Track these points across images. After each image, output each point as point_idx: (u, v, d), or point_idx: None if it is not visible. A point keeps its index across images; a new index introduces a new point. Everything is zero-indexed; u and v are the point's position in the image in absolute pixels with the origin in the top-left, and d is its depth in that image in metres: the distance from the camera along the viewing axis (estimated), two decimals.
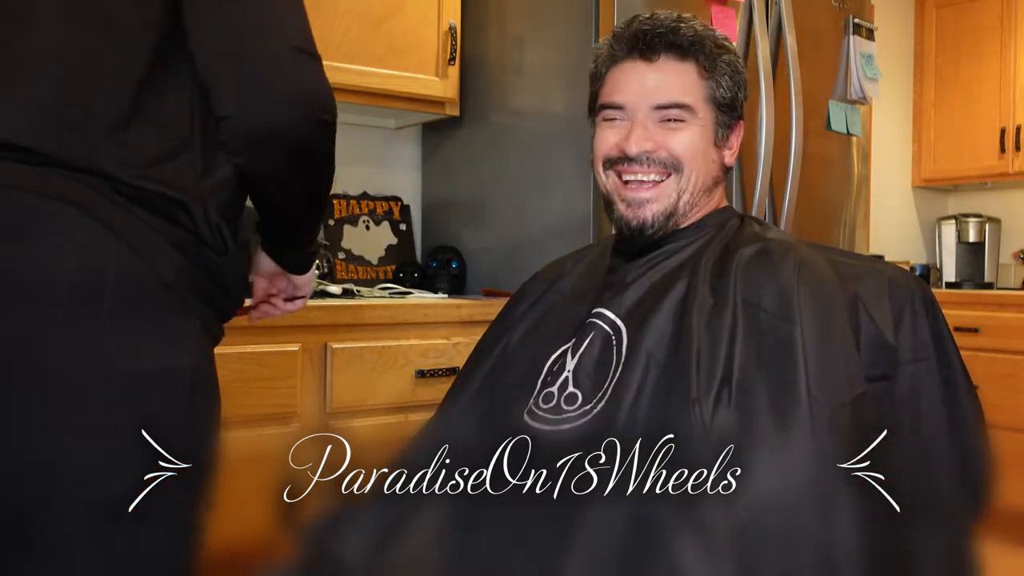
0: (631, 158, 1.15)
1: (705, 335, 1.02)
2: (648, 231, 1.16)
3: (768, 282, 1.05)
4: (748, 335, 1.01)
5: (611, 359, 1.07)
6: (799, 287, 1.03)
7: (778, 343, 0.99)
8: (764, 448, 0.93)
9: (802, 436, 0.93)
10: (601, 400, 1.04)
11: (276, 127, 0.95)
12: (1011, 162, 3.44)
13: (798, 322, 1.00)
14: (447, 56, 2.15)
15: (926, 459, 1.04)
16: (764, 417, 0.95)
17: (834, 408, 0.95)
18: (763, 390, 0.96)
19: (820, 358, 0.98)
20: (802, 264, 1.07)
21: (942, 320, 1.13)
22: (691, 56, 1.15)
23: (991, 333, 3.07)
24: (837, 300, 1.04)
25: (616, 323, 1.10)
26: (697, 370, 0.99)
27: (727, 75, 1.17)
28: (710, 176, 1.18)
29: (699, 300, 1.06)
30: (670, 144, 1.15)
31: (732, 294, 1.05)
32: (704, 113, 1.16)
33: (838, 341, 1.01)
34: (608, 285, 1.17)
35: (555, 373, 1.10)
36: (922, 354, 1.08)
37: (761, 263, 1.09)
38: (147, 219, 0.91)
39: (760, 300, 1.04)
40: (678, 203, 1.16)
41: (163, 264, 0.91)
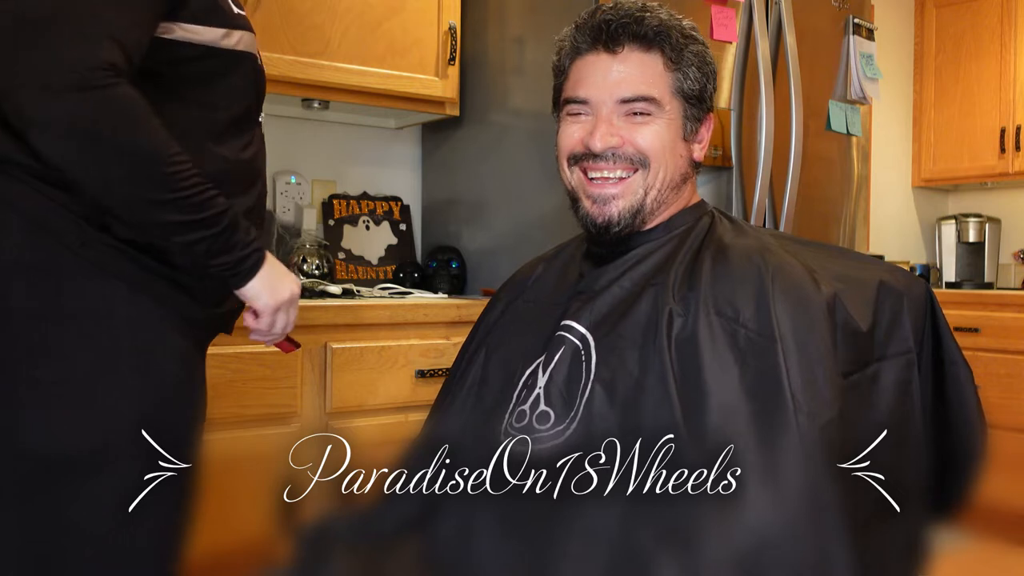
0: (596, 154, 1.11)
1: (675, 351, 1.00)
2: (614, 228, 1.13)
3: (743, 294, 1.02)
4: (725, 352, 0.98)
5: (580, 375, 1.04)
6: (775, 299, 1.01)
7: (760, 365, 0.97)
8: (754, 474, 0.91)
9: (794, 460, 0.91)
10: (573, 420, 1.01)
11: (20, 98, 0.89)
12: (1011, 162, 3.44)
13: (778, 339, 0.97)
14: (447, 56, 2.15)
15: (900, 450, 1.03)
16: (751, 442, 0.92)
17: (822, 427, 0.93)
18: (747, 414, 0.94)
19: (803, 376, 0.95)
20: (776, 273, 1.04)
21: (941, 317, 1.12)
22: (656, 47, 1.12)
23: (991, 333, 3.07)
24: (814, 308, 1.01)
25: (585, 336, 1.07)
26: (673, 389, 0.97)
27: (694, 66, 1.13)
28: (678, 172, 1.14)
29: (670, 312, 1.03)
30: (636, 139, 1.11)
31: (705, 305, 1.02)
32: (671, 106, 1.12)
33: (818, 353, 0.98)
34: (577, 294, 1.14)
35: (528, 389, 1.08)
36: (900, 348, 1.06)
37: (733, 272, 1.06)
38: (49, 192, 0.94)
39: (738, 315, 1.01)
40: (645, 200, 1.12)
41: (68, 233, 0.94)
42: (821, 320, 1.01)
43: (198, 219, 0.96)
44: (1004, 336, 3.04)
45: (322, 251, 2.14)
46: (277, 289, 1.07)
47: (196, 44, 1.02)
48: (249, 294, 1.06)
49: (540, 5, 2.14)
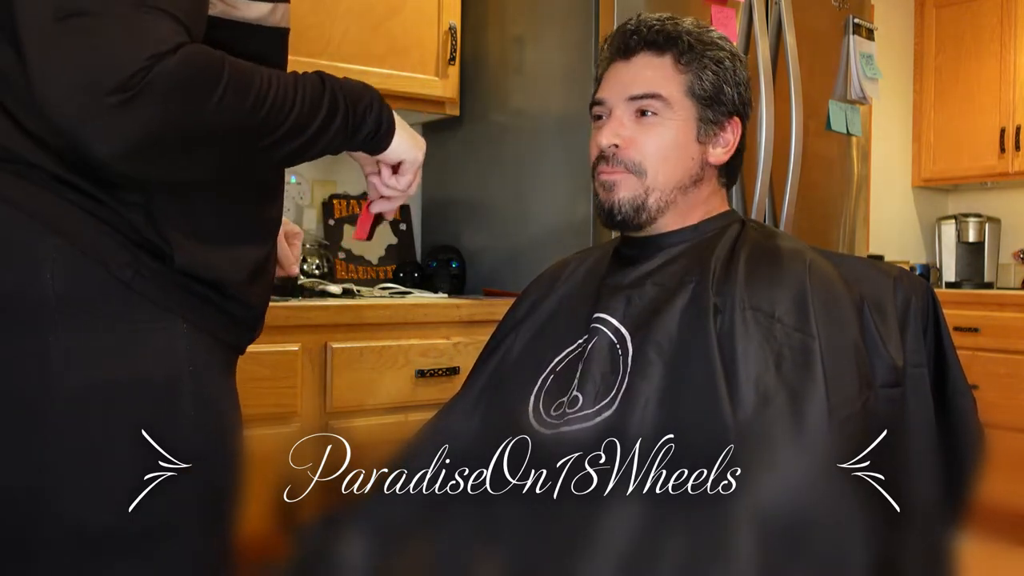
0: (605, 157, 1.17)
1: (715, 343, 1.02)
2: (617, 216, 1.16)
3: (780, 290, 1.06)
4: (763, 345, 1.01)
5: (618, 367, 1.06)
6: (812, 295, 1.04)
7: (798, 356, 1.00)
8: (786, 455, 0.94)
9: (823, 448, 0.94)
10: (610, 407, 1.03)
11: (69, 128, 0.72)
12: (1011, 162, 3.44)
13: (816, 335, 1.01)
14: (447, 56, 2.15)
15: (916, 460, 1.05)
16: (785, 428, 0.95)
17: (844, 419, 0.96)
18: (785, 401, 0.97)
19: (835, 369, 0.99)
20: (812, 270, 1.08)
21: (943, 322, 1.13)
22: (667, 50, 1.17)
23: (991, 333, 3.07)
24: (846, 306, 1.05)
25: (620, 330, 1.10)
26: (711, 379, 0.99)
27: (710, 69, 1.17)
28: (686, 173, 1.17)
29: (706, 307, 1.05)
30: (640, 141, 1.15)
31: (741, 301, 1.05)
32: (682, 107, 1.16)
33: (849, 349, 1.02)
34: (609, 289, 1.17)
35: (560, 379, 1.10)
36: (919, 360, 1.09)
37: (770, 269, 1.09)
38: (91, 209, 0.79)
39: (774, 310, 1.04)
40: (647, 198, 1.16)
41: (115, 261, 0.80)
42: (851, 317, 1.05)
43: (316, 127, 0.85)
44: (1004, 336, 3.04)
45: (322, 251, 2.14)
46: (417, 139, 0.99)
47: (239, 23, 0.87)
48: (399, 150, 0.96)
49: (540, 5, 2.14)
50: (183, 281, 0.84)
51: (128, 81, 0.69)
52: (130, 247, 0.81)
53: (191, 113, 0.74)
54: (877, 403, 1.01)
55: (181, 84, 0.72)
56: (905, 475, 1.01)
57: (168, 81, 0.71)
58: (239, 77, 0.76)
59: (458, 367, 1.80)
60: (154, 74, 0.70)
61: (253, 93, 0.78)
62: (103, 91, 0.69)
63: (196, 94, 0.73)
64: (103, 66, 0.69)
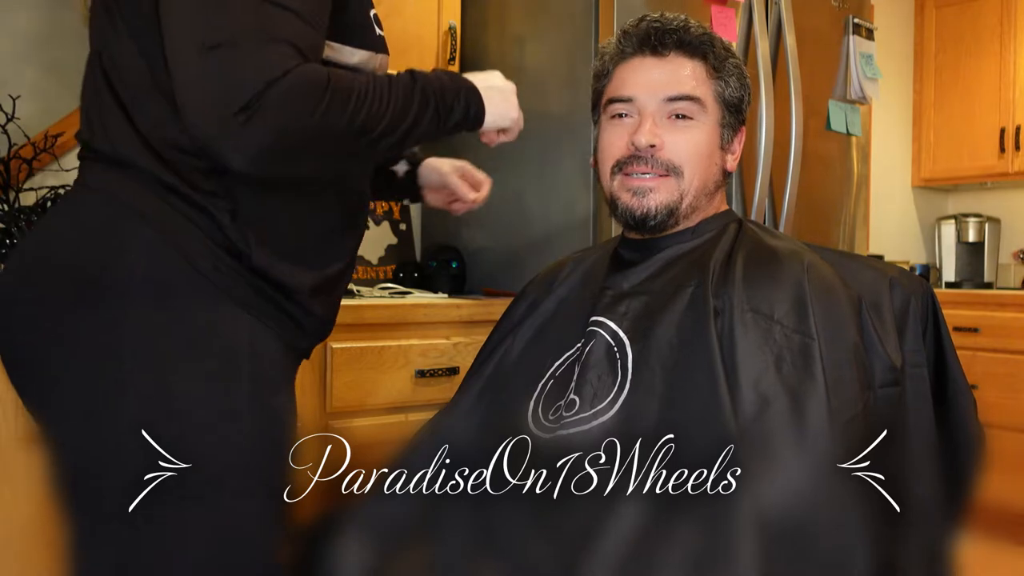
0: (638, 157, 1.15)
1: (716, 347, 1.01)
2: (651, 221, 1.15)
3: (779, 292, 1.05)
4: (762, 347, 1.01)
5: (616, 369, 1.06)
6: (811, 297, 1.04)
7: (798, 358, 0.99)
8: (787, 457, 0.94)
9: (824, 449, 0.94)
10: (608, 411, 1.03)
11: (210, 143, 0.86)
12: (1011, 162, 3.44)
13: (816, 336, 1.00)
14: (447, 56, 2.15)
15: (916, 460, 1.05)
16: (786, 430, 0.95)
17: (847, 421, 0.96)
18: (785, 403, 0.96)
19: (835, 370, 0.98)
20: (810, 271, 1.07)
21: (942, 322, 1.13)
22: (700, 54, 1.17)
23: (991, 333, 3.07)
24: (845, 307, 1.05)
25: (618, 333, 1.09)
26: (713, 382, 0.99)
27: (735, 76, 1.18)
28: (712, 179, 1.18)
29: (706, 310, 1.05)
30: (677, 143, 1.14)
31: (740, 303, 1.05)
32: (713, 111, 1.16)
33: (849, 351, 1.01)
34: (607, 292, 1.16)
35: (559, 382, 1.10)
36: (919, 360, 1.09)
37: (768, 271, 1.09)
38: (183, 209, 0.92)
39: (773, 312, 1.03)
40: (681, 203, 1.15)
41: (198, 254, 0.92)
42: (850, 318, 1.04)
43: (410, 122, 0.97)
44: (1004, 336, 3.04)
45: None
46: (509, 99, 1.16)
47: (341, 65, 0.97)
48: (497, 123, 1.13)
49: (540, 5, 2.14)
50: (254, 280, 0.95)
51: (249, 102, 0.83)
52: (212, 246, 0.93)
53: (300, 122, 0.86)
54: (876, 404, 1.01)
55: (289, 100, 0.85)
56: (905, 475, 1.00)
57: (278, 99, 0.84)
58: (341, 87, 0.89)
59: (458, 367, 1.80)
60: (268, 95, 0.83)
61: (353, 99, 0.90)
62: (232, 112, 0.83)
63: (303, 106, 0.86)
64: (233, 92, 0.83)
